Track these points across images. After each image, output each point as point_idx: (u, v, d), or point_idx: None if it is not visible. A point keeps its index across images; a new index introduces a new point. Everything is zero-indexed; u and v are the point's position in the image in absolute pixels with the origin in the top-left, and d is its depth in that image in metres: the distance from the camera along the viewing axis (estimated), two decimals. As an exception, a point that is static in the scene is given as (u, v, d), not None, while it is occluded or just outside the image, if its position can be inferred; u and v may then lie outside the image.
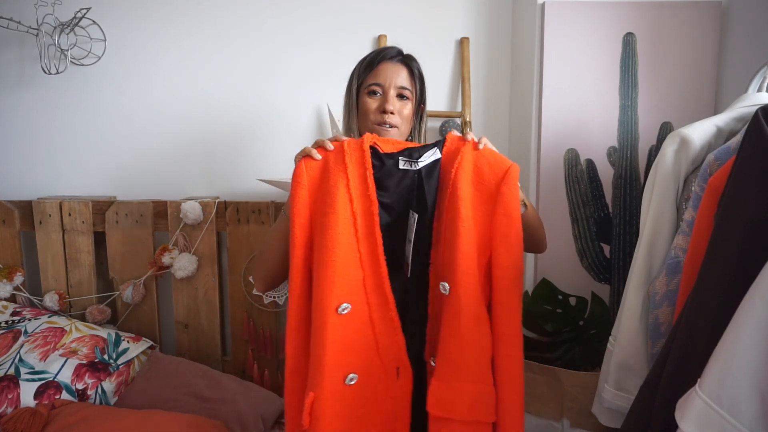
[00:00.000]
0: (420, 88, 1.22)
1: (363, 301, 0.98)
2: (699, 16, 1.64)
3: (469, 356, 0.94)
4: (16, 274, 1.83)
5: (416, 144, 1.09)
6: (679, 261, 1.08)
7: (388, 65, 1.17)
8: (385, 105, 1.14)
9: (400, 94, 1.17)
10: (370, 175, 1.01)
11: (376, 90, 1.16)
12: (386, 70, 1.16)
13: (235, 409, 1.54)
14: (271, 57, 1.95)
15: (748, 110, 1.13)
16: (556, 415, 1.54)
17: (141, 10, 1.92)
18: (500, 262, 0.99)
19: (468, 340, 0.94)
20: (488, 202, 1.00)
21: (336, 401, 0.95)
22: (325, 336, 0.94)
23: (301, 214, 1.01)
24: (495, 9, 1.95)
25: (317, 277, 0.98)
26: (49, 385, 1.55)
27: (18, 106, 1.94)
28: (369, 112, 1.16)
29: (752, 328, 0.70)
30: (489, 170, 1.02)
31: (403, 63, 1.19)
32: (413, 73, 1.20)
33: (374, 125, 1.16)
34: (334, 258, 0.96)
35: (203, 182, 2.00)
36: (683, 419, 0.75)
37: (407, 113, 1.17)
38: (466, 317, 0.94)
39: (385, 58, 1.18)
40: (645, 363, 1.16)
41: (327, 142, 1.06)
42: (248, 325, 1.88)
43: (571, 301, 1.66)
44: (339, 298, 0.96)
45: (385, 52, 1.19)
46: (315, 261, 0.99)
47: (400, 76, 1.17)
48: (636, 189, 1.66)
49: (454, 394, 0.94)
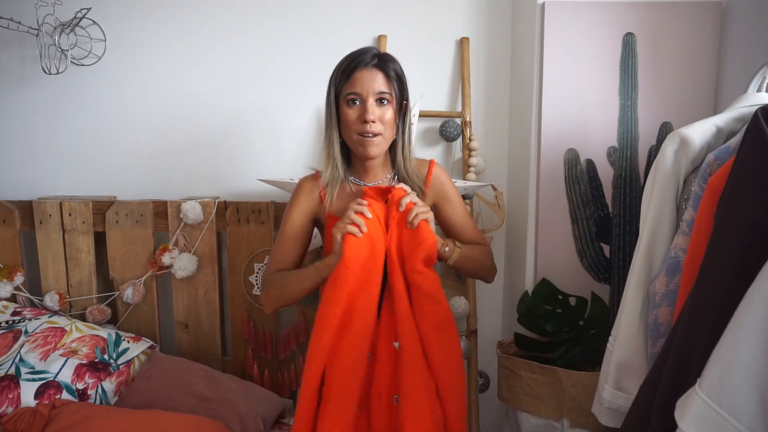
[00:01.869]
0: (399, 88, 1.22)
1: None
2: (699, 16, 1.64)
3: (423, 394, 1.12)
4: (17, 274, 1.83)
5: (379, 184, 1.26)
6: (678, 261, 1.08)
7: (364, 72, 1.17)
8: (365, 115, 1.16)
9: (380, 98, 1.18)
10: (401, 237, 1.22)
11: (354, 99, 1.17)
12: (362, 78, 1.17)
13: (235, 409, 1.54)
14: (271, 56, 1.95)
15: (748, 110, 1.13)
16: (556, 415, 1.54)
17: (141, 10, 1.92)
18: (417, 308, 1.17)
19: (421, 382, 1.13)
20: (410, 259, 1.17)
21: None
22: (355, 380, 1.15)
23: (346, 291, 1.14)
24: (495, 9, 1.95)
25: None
26: (49, 385, 1.55)
27: (18, 106, 1.95)
28: (351, 123, 1.18)
29: (752, 327, 0.70)
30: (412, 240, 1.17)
31: (378, 68, 1.19)
32: (389, 75, 1.19)
33: (357, 135, 1.18)
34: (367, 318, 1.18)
35: (203, 182, 2.00)
36: (683, 419, 0.75)
37: (389, 117, 1.19)
38: (414, 365, 1.13)
39: (360, 66, 1.17)
40: (645, 363, 1.16)
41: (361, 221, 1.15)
42: (248, 325, 1.88)
43: (571, 301, 1.66)
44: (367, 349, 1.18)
45: (359, 59, 1.18)
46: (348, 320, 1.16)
47: (377, 81, 1.17)
48: (636, 189, 1.66)
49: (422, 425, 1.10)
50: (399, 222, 1.18)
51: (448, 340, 1.18)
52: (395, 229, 1.18)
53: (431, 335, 1.16)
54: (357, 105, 1.18)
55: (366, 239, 1.14)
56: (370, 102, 1.17)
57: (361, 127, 1.18)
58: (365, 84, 1.16)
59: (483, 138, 1.98)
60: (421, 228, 1.16)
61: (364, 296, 1.14)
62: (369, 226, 1.15)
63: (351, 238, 1.13)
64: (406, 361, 1.13)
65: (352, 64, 1.18)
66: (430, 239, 1.16)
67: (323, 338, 1.12)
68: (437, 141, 1.96)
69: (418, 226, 1.16)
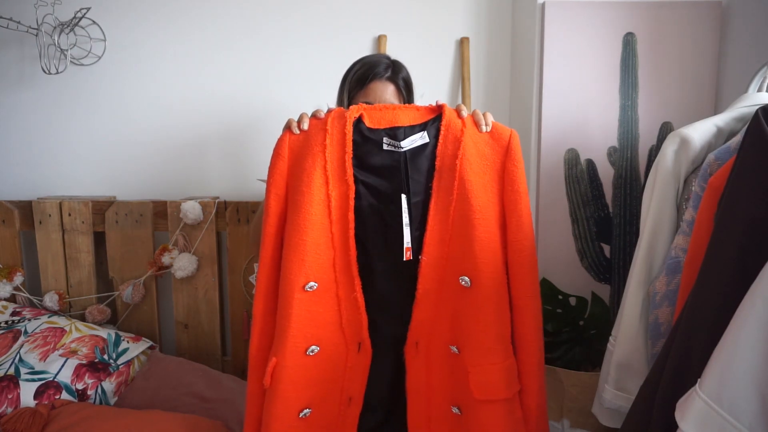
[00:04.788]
0: (407, 94, 1.30)
1: (332, 279, 1.02)
2: (699, 16, 1.64)
3: (495, 341, 1.00)
4: (16, 274, 1.83)
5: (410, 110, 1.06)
6: (679, 261, 1.08)
7: (378, 84, 1.24)
8: None
9: None
10: (348, 159, 1.01)
11: None
12: (376, 90, 1.24)
13: (235, 409, 1.54)
14: (271, 57, 1.95)
15: (748, 110, 1.13)
16: (556, 415, 1.54)
17: (141, 10, 1.92)
18: (512, 237, 1.02)
19: (493, 328, 1.00)
20: (496, 181, 1.02)
21: (295, 369, 1.02)
22: (290, 310, 1.00)
23: (277, 185, 1.03)
24: (495, 9, 1.95)
25: (287, 254, 1.01)
26: (49, 385, 1.55)
27: (18, 106, 1.94)
28: None
29: (752, 328, 0.70)
30: (491, 149, 1.02)
31: (390, 80, 1.27)
32: (399, 85, 1.27)
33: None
34: (305, 238, 0.99)
35: (203, 182, 2.00)
36: (683, 419, 0.75)
37: None
38: (491, 307, 0.99)
39: (375, 78, 1.25)
40: (645, 363, 1.16)
41: (305, 121, 1.05)
42: (248, 325, 1.88)
43: (571, 301, 1.66)
44: (307, 277, 1.00)
45: (375, 71, 1.25)
46: (286, 237, 1.02)
47: (388, 92, 1.25)
48: (636, 189, 1.66)
49: (490, 376, 0.99)
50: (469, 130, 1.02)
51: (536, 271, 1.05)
52: (468, 139, 1.01)
53: (526, 265, 1.02)
54: None
55: (302, 142, 1.03)
56: None
57: None
58: (378, 95, 1.23)
59: (483, 138, 1.98)
60: (498, 126, 1.04)
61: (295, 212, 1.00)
62: (312, 131, 1.03)
63: (287, 133, 1.04)
64: (477, 301, 0.99)
65: (369, 76, 1.25)
66: (513, 133, 1.03)
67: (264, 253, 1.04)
68: (437, 141, 1.96)
69: (493, 125, 1.04)
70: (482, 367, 0.99)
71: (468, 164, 1.00)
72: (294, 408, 1.03)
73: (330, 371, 1.05)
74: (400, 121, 1.04)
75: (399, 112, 1.05)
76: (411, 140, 1.02)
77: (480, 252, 0.98)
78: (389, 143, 1.02)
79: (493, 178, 1.01)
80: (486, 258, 0.98)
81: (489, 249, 0.98)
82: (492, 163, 1.02)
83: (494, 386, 1.00)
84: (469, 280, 0.99)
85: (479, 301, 0.99)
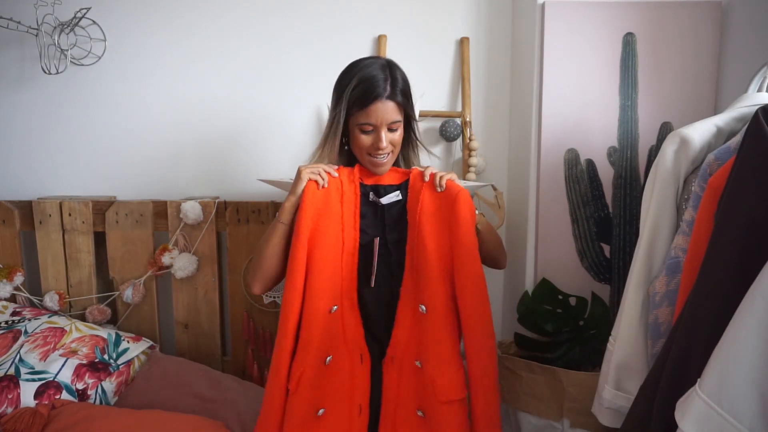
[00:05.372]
0: (406, 107, 1.30)
1: (339, 303, 1.26)
2: (699, 16, 1.64)
3: (449, 355, 1.24)
4: (16, 274, 1.83)
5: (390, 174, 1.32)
6: (679, 261, 1.08)
7: (378, 105, 1.24)
8: (378, 144, 1.26)
9: (390, 128, 1.28)
10: (357, 211, 1.28)
11: (368, 130, 1.27)
12: (377, 110, 1.25)
13: (235, 409, 1.55)
14: (271, 57, 1.95)
15: (748, 110, 1.13)
16: (556, 415, 1.54)
17: (141, 10, 1.92)
18: (459, 265, 1.23)
19: (446, 345, 1.24)
20: (447, 227, 1.24)
21: (316, 375, 1.23)
22: (318, 329, 1.23)
23: (306, 225, 1.23)
24: (495, 9, 1.95)
25: (317, 283, 1.23)
26: (49, 385, 1.55)
27: (18, 106, 1.95)
28: (363, 147, 1.28)
29: (752, 327, 0.70)
30: (445, 202, 1.25)
31: (390, 98, 1.26)
32: (399, 102, 1.28)
33: (369, 156, 1.29)
34: (329, 271, 1.24)
35: (203, 182, 2.00)
36: (683, 419, 0.75)
37: (397, 138, 1.31)
38: (442, 329, 1.23)
39: (377, 99, 1.24)
40: (645, 363, 1.16)
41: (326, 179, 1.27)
42: (248, 325, 1.88)
43: (571, 301, 1.66)
44: (331, 302, 1.24)
45: (377, 92, 1.23)
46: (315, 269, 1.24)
47: (389, 112, 1.26)
48: (636, 189, 1.66)
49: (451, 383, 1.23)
50: (427, 191, 1.27)
51: (483, 295, 1.26)
52: (426, 197, 1.26)
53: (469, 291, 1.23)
54: (370, 133, 1.27)
55: (323, 194, 1.26)
56: (383, 132, 1.26)
57: (374, 151, 1.27)
58: (380, 116, 1.25)
59: (483, 138, 1.98)
60: (450, 185, 1.26)
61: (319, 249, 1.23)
62: (331, 186, 1.27)
63: (313, 184, 1.26)
64: (433, 325, 1.23)
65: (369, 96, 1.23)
66: (462, 190, 1.25)
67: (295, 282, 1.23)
68: (437, 141, 1.96)
69: (447, 185, 1.26)
70: (444, 376, 1.22)
71: (425, 216, 1.25)
72: (313, 408, 1.22)
73: (339, 376, 1.24)
74: (383, 180, 1.31)
75: (383, 178, 1.31)
76: (389, 197, 1.29)
77: (431, 285, 1.22)
78: (373, 197, 1.29)
79: (445, 225, 1.24)
80: (435, 290, 1.22)
81: (438, 282, 1.22)
82: (445, 213, 1.24)
83: (453, 389, 1.22)
84: (425, 308, 1.23)
85: (433, 324, 1.23)
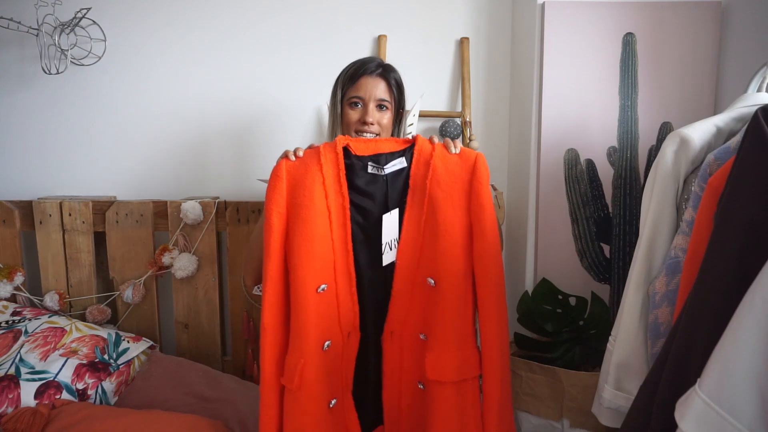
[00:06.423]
0: (398, 96, 1.33)
1: (332, 279, 1.15)
2: (699, 16, 1.64)
3: (453, 333, 1.14)
4: (17, 274, 1.83)
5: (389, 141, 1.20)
6: (678, 261, 1.08)
7: (368, 79, 1.28)
8: (365, 117, 1.27)
9: (380, 105, 1.29)
10: (342, 174, 1.15)
11: (357, 102, 1.28)
12: (366, 84, 1.27)
13: (235, 409, 1.54)
14: (271, 56, 1.95)
15: (748, 110, 1.13)
16: (556, 415, 1.54)
17: (141, 10, 1.92)
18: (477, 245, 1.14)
19: (451, 322, 1.14)
20: (464, 196, 1.15)
21: (317, 365, 1.13)
22: (308, 312, 1.11)
23: (278, 203, 1.13)
24: (495, 9, 1.95)
25: (300, 263, 1.12)
26: (49, 385, 1.55)
27: (18, 106, 1.95)
28: (351, 123, 1.28)
29: (752, 327, 0.70)
30: (459, 168, 1.16)
31: (381, 76, 1.30)
32: (390, 84, 1.30)
33: (356, 134, 1.28)
34: (315, 246, 1.12)
35: (203, 182, 2.00)
36: (683, 419, 0.75)
37: (386, 122, 1.30)
38: (450, 304, 1.14)
39: (365, 73, 1.28)
40: (645, 363, 1.16)
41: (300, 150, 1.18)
42: (248, 325, 1.88)
43: (571, 301, 1.66)
44: (319, 280, 1.12)
45: (365, 67, 1.29)
46: (294, 247, 1.12)
47: (379, 88, 1.28)
48: (636, 189, 1.66)
49: (443, 362, 1.14)
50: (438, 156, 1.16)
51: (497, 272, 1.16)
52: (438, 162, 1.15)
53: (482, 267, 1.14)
54: (359, 107, 1.28)
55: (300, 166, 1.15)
56: (371, 106, 1.27)
57: (361, 127, 1.28)
58: (368, 90, 1.27)
59: (483, 138, 1.98)
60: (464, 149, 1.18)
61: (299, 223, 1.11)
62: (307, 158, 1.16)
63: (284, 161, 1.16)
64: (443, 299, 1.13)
65: (359, 71, 1.28)
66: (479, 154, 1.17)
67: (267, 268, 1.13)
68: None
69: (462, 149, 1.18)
70: (436, 353, 1.14)
71: (436, 183, 1.14)
72: (324, 401, 1.15)
73: (338, 361, 1.17)
74: (382, 149, 1.18)
75: (380, 143, 1.19)
76: (392, 164, 1.17)
77: (442, 258, 1.13)
78: (373, 167, 1.17)
79: (460, 193, 1.15)
80: (447, 263, 1.13)
81: (450, 256, 1.13)
82: (460, 180, 1.15)
83: (444, 370, 1.14)
84: (433, 281, 1.14)
85: (441, 299, 1.14)
